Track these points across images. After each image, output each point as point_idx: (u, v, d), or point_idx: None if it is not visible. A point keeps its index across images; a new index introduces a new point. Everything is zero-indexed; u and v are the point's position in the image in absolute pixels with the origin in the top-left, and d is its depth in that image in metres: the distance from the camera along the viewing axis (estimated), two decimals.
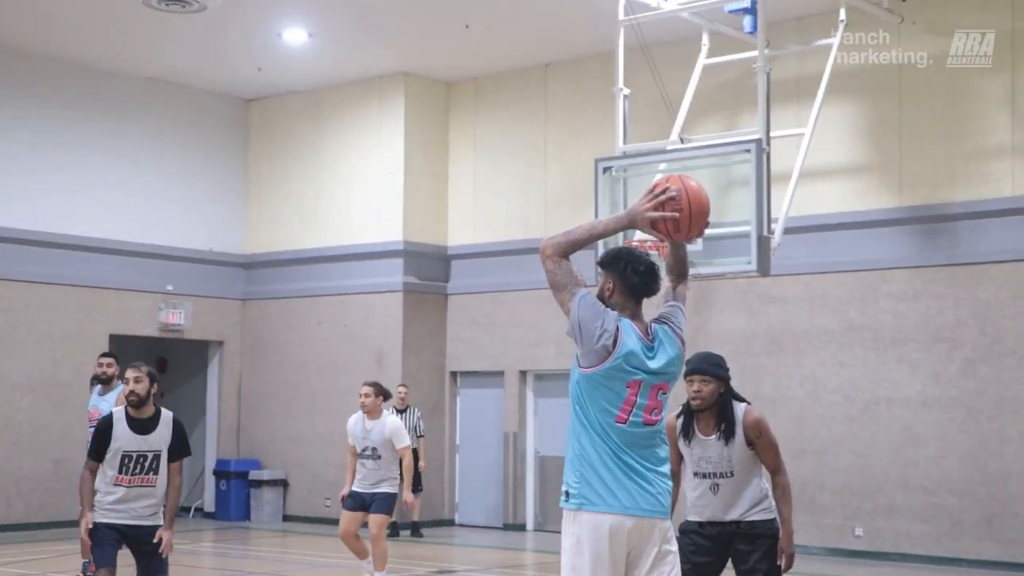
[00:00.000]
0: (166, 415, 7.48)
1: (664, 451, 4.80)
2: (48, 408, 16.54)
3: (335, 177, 18.14)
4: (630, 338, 4.69)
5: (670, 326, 4.86)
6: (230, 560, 15.03)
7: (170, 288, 18.03)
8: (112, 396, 10.87)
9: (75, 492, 11.04)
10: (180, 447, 7.45)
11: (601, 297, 4.81)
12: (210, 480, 18.58)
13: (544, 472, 16.75)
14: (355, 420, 10.62)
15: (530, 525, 16.80)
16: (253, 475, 18.01)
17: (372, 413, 10.52)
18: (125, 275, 17.51)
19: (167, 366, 19.77)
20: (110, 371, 11.02)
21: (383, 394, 10.58)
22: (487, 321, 17.23)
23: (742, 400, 6.34)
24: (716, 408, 6.20)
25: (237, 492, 18.07)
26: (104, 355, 11.27)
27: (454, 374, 17.64)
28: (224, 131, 18.95)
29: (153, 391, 7.40)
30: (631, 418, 4.67)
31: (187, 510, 18.95)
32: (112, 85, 17.55)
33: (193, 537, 16.58)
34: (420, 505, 16.22)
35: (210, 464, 18.62)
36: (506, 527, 16.81)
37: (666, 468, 4.79)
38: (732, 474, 6.19)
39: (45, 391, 16.53)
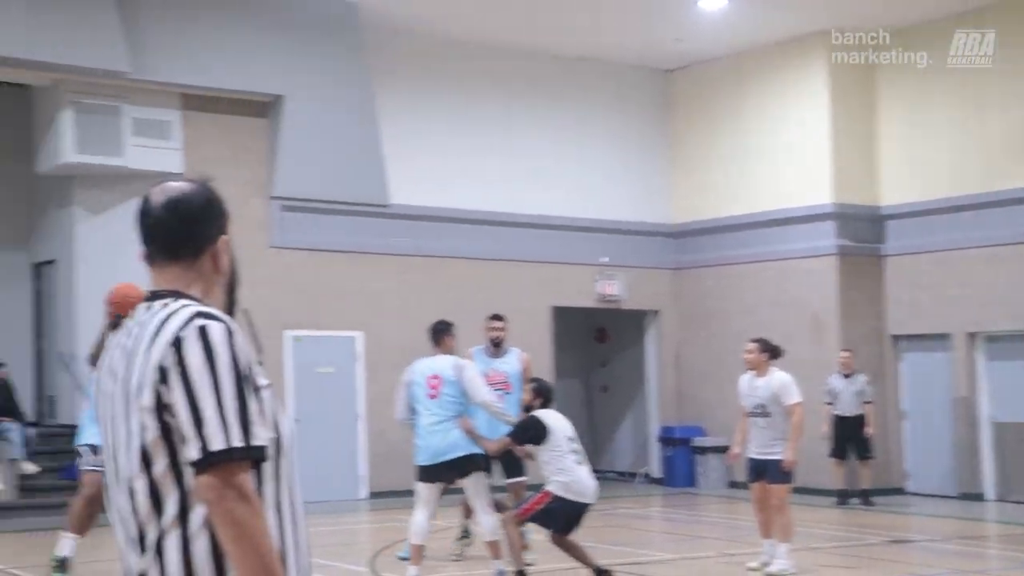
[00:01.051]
0: None
1: None
2: None
3: (760, 142, 18.05)
4: None
5: None
6: (677, 524, 15.46)
7: (605, 260, 18.59)
8: (511, 358, 11.11)
9: None
10: None
11: None
12: (655, 447, 19.11)
13: (1002, 439, 16.05)
14: (744, 379, 10.44)
15: (990, 495, 16.12)
16: (696, 442, 18.32)
17: (759, 369, 10.25)
18: (563, 249, 18.24)
19: (606, 336, 20.45)
20: (501, 334, 11.17)
21: (770, 350, 10.28)
22: (928, 282, 16.65)
23: None
24: None
25: (682, 458, 18.46)
26: (495, 317, 11.35)
27: (895, 338, 17.19)
28: (648, 103, 19.29)
29: None
30: None
31: (633, 475, 19.61)
32: (547, 67, 18.32)
33: (642, 502, 17.21)
34: (870, 474, 16.03)
35: (654, 431, 19.14)
36: (962, 496, 16.24)
37: None
38: None
39: None
